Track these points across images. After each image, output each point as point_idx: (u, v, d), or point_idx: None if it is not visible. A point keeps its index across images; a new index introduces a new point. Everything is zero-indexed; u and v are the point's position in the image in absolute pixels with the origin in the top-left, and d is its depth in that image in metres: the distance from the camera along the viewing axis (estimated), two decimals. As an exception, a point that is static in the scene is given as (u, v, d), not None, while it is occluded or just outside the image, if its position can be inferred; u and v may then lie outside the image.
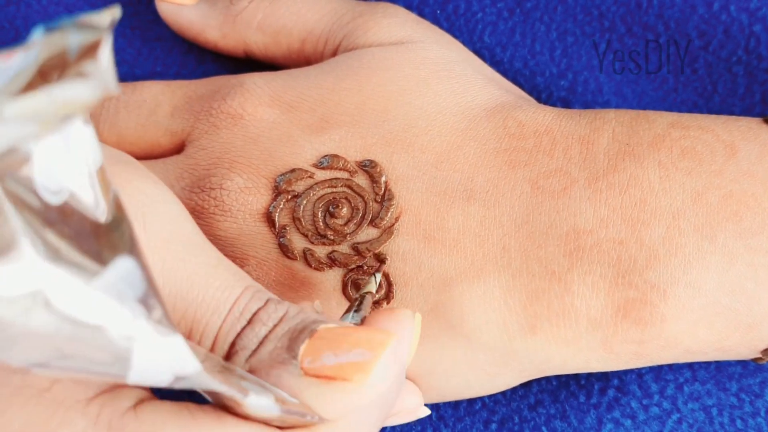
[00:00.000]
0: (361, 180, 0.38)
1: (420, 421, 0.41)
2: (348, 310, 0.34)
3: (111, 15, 0.21)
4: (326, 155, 0.38)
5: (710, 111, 0.43)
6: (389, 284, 0.37)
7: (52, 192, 0.23)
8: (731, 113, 0.43)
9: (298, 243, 0.38)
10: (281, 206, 0.38)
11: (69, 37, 0.21)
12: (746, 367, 0.41)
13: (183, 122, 0.40)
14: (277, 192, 0.38)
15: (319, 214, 0.38)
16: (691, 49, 0.43)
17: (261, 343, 0.31)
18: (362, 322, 0.33)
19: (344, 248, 0.38)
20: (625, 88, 0.44)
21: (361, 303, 0.34)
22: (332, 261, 0.37)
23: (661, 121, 0.37)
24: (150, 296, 0.25)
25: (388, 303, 0.37)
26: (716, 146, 0.36)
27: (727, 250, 0.35)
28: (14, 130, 0.21)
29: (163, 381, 0.26)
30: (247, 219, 0.38)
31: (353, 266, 0.37)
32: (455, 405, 0.41)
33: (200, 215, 0.38)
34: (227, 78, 0.41)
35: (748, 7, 0.42)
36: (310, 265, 0.37)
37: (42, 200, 0.23)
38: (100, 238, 0.24)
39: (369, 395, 0.30)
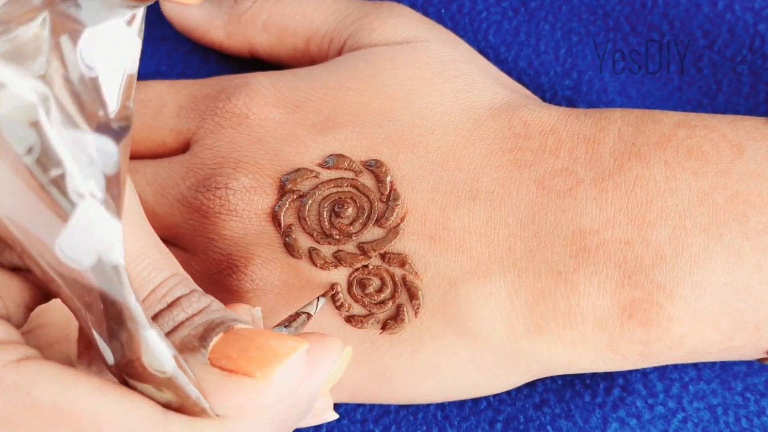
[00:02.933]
0: (367, 180, 0.38)
1: (425, 421, 0.41)
2: (279, 324, 0.34)
3: None
4: (331, 155, 0.38)
5: (715, 110, 0.43)
6: (394, 284, 0.37)
7: (87, 66, 0.25)
8: (736, 112, 0.43)
9: (303, 242, 0.38)
10: (287, 206, 0.38)
11: None
12: (751, 367, 0.41)
13: (188, 122, 0.40)
14: (283, 191, 0.38)
15: (325, 214, 0.38)
16: (696, 49, 0.43)
17: (176, 328, 0.30)
18: None
19: (350, 248, 0.38)
20: (630, 88, 0.44)
21: (293, 320, 0.34)
22: (338, 260, 0.37)
23: (667, 120, 0.37)
24: (115, 181, 0.26)
25: (393, 302, 0.37)
26: (723, 146, 0.36)
27: (734, 251, 0.35)
28: None
29: (86, 261, 0.26)
30: (253, 218, 0.38)
31: (359, 266, 0.37)
32: (460, 404, 0.41)
33: (205, 214, 0.38)
34: (232, 77, 0.41)
35: (753, 6, 0.42)
36: (315, 265, 0.38)
37: (76, 67, 0.25)
38: (98, 121, 0.25)
39: (268, 395, 0.29)
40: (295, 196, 0.38)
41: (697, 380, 0.40)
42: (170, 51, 0.46)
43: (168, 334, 0.30)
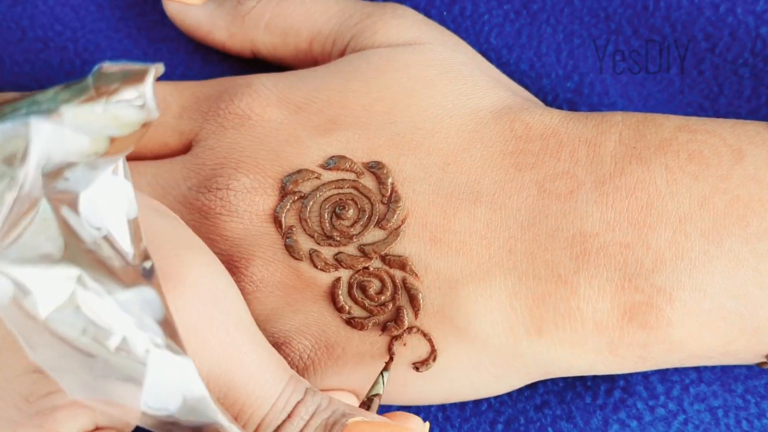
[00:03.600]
0: (368, 181, 0.38)
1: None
2: None
3: (156, 69, 0.25)
4: (333, 156, 0.38)
5: (716, 113, 0.43)
6: (394, 286, 0.37)
7: (94, 227, 0.26)
8: (737, 115, 0.43)
9: (304, 244, 0.38)
10: (288, 207, 0.38)
11: (119, 71, 0.25)
12: (752, 369, 0.41)
13: (191, 122, 0.40)
14: (284, 193, 0.38)
15: (326, 215, 0.38)
16: (698, 51, 0.43)
17: None
18: None
19: (350, 249, 0.38)
20: (631, 90, 0.44)
21: (368, 408, 0.35)
22: (338, 262, 0.38)
23: (668, 124, 0.37)
24: (167, 323, 0.27)
25: (393, 305, 0.37)
26: (723, 150, 0.36)
27: (733, 255, 0.35)
28: (70, 138, 0.25)
29: (172, 405, 0.28)
30: (254, 219, 0.38)
31: (359, 268, 0.37)
32: (461, 406, 0.41)
33: (207, 215, 0.38)
34: (235, 78, 0.41)
35: (755, 10, 0.42)
36: (316, 266, 0.38)
37: (86, 232, 0.26)
38: (127, 273, 0.27)
39: None
40: (296, 198, 0.38)
41: (698, 382, 0.40)
42: (172, 52, 0.46)
43: None
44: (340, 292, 0.37)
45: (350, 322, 0.38)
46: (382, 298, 0.37)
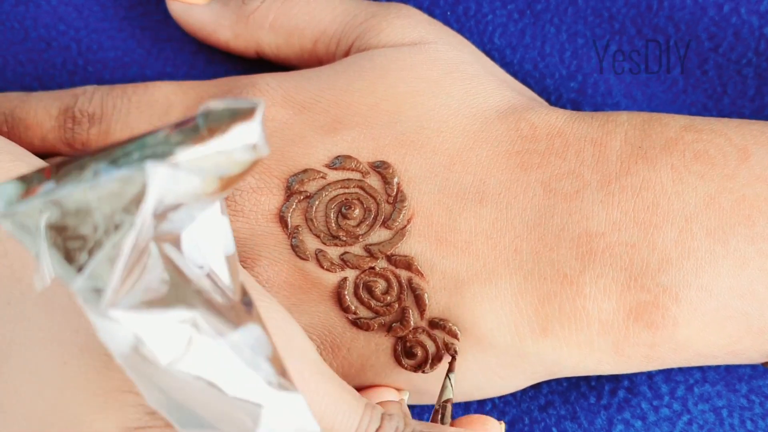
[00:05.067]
0: (374, 181, 0.38)
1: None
2: (432, 421, 0.35)
3: (262, 105, 0.25)
4: (338, 156, 0.38)
5: (720, 113, 0.43)
6: (400, 286, 0.37)
7: (197, 265, 0.26)
8: (741, 115, 0.43)
9: (310, 244, 0.38)
10: (293, 207, 0.38)
11: (226, 110, 0.25)
12: (756, 369, 0.41)
13: (195, 123, 0.40)
14: (290, 192, 0.38)
15: (332, 215, 0.38)
16: (701, 51, 0.43)
17: None
18: None
19: (356, 249, 0.38)
20: (635, 90, 0.44)
21: (443, 415, 0.36)
22: (344, 262, 0.38)
23: (673, 124, 0.37)
24: (276, 359, 0.27)
25: (399, 305, 0.37)
26: (729, 150, 0.36)
27: (739, 255, 0.35)
28: (183, 180, 0.24)
29: None
30: (260, 219, 0.38)
31: (365, 268, 0.37)
32: (465, 406, 0.41)
33: (211, 215, 0.38)
34: (239, 78, 0.41)
35: (759, 10, 0.42)
36: (322, 266, 0.38)
37: (189, 270, 0.26)
38: (232, 310, 0.27)
39: None
40: (302, 197, 0.38)
41: (702, 382, 0.41)
42: (176, 52, 0.46)
43: None
44: (346, 293, 0.37)
45: (356, 322, 0.38)
46: (388, 298, 0.37)
